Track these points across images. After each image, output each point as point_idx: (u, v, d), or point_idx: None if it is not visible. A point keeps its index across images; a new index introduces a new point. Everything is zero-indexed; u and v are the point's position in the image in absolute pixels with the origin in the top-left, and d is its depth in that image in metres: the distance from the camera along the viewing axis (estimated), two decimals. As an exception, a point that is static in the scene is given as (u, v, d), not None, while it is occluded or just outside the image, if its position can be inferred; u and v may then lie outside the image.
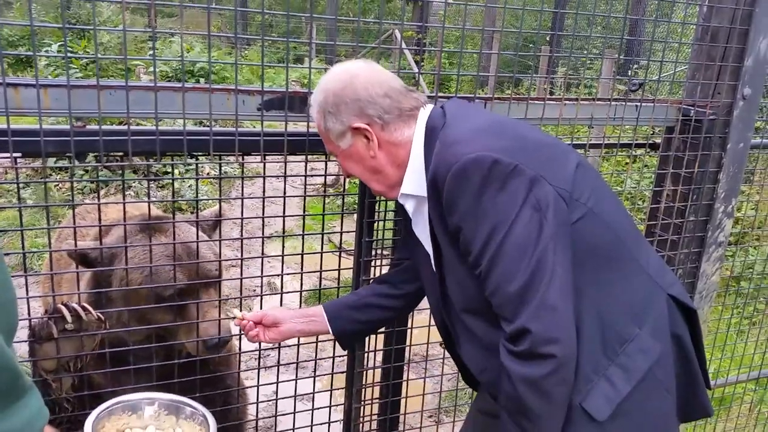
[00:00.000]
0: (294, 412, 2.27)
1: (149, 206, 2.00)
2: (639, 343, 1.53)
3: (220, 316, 2.08)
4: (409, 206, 1.70)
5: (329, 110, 1.62)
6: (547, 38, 11.67)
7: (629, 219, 1.67)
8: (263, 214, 2.12)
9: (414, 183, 1.64)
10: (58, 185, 6.56)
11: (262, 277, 2.13)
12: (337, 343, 2.02)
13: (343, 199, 2.24)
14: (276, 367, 2.21)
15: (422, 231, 1.73)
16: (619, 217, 1.59)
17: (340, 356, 2.38)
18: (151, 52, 11.10)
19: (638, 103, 2.35)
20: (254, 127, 1.94)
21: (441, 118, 1.60)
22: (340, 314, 1.94)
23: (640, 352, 1.53)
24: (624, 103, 2.32)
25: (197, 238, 2.14)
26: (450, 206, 1.47)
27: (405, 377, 2.45)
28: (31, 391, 0.96)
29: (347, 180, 1.98)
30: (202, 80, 9.73)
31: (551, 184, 1.45)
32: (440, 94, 2.03)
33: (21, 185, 1.55)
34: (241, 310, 1.97)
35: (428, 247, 1.72)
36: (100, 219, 1.88)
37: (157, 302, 2.03)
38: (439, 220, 1.55)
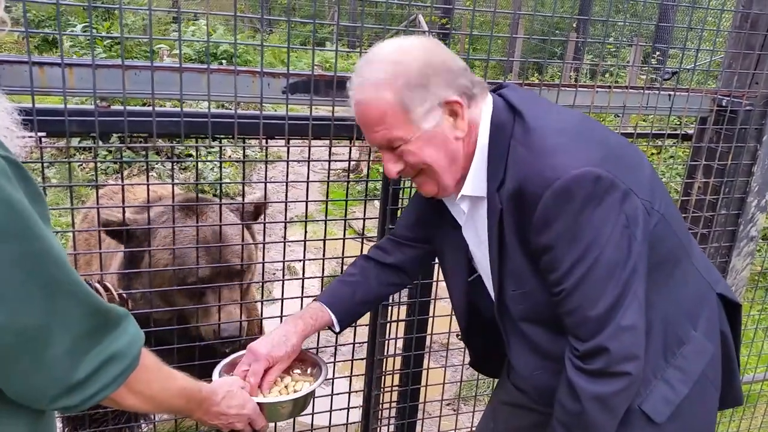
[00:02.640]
0: (313, 397, 2.26)
1: (173, 188, 1.99)
2: (695, 345, 1.51)
3: (241, 311, 2.11)
4: (465, 207, 1.54)
5: (414, 83, 1.36)
6: (574, 24, 11.49)
7: (681, 217, 1.62)
8: (286, 198, 2.10)
9: (474, 182, 1.48)
10: (81, 165, 6.61)
11: (284, 262, 2.12)
12: (358, 328, 1.96)
13: (366, 185, 2.22)
14: (296, 353, 2.21)
15: (473, 234, 1.59)
16: (677, 219, 1.53)
17: (359, 343, 2.37)
18: (174, 34, 11.13)
19: (672, 92, 2.29)
20: (275, 110, 1.92)
21: (508, 112, 1.44)
22: (349, 312, 1.79)
23: (696, 353, 1.51)
24: (657, 91, 2.26)
25: (237, 228, 2.15)
26: (544, 224, 1.34)
27: (425, 365, 2.43)
28: (127, 318, 1.10)
29: (370, 164, 1.92)
30: (224, 62, 9.73)
31: (638, 196, 1.36)
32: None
33: (45, 165, 1.56)
34: (263, 295, 1.96)
35: (476, 249, 1.60)
36: (123, 200, 1.88)
37: (179, 285, 2.05)
38: (516, 233, 1.42)
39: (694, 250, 1.59)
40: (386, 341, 2.33)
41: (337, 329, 1.77)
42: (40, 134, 1.62)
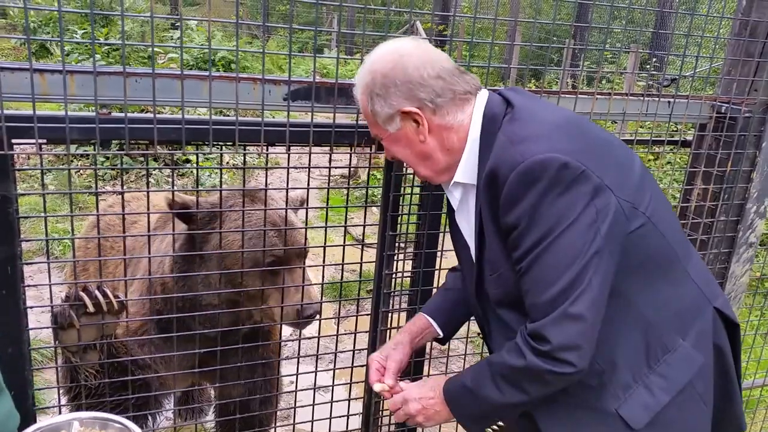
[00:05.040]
0: (313, 404, 2.25)
1: (173, 194, 1.98)
2: (681, 354, 1.50)
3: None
4: (457, 194, 1.63)
5: (377, 92, 1.51)
6: (571, 31, 11.54)
7: (679, 224, 1.62)
8: (286, 204, 2.10)
9: (466, 171, 1.56)
10: (78, 172, 6.60)
11: (284, 269, 2.11)
12: (357, 335, 1.98)
13: (367, 191, 2.22)
14: (296, 359, 2.20)
15: (465, 221, 1.66)
16: (671, 225, 1.54)
17: (359, 350, 2.36)
18: (172, 41, 11.14)
19: (671, 99, 2.29)
20: (273, 116, 1.92)
21: (501, 106, 1.52)
22: (449, 318, 1.89)
23: (682, 362, 1.50)
24: (657, 98, 2.26)
25: (295, 213, 2.20)
26: (509, 205, 1.40)
27: (425, 372, 2.42)
28: (5, 393, 0.99)
29: (370, 171, 1.93)
30: (222, 69, 9.73)
31: (615, 194, 1.39)
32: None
33: (42, 171, 1.56)
34: (262, 302, 1.94)
35: (469, 238, 1.66)
36: (123, 207, 1.87)
37: (253, 267, 2.06)
38: (491, 216, 1.48)
39: (692, 261, 1.59)
40: (386, 348, 2.32)
41: (440, 333, 1.88)
42: (40, 141, 1.62)
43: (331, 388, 2.35)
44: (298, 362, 2.19)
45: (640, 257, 1.45)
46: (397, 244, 2.19)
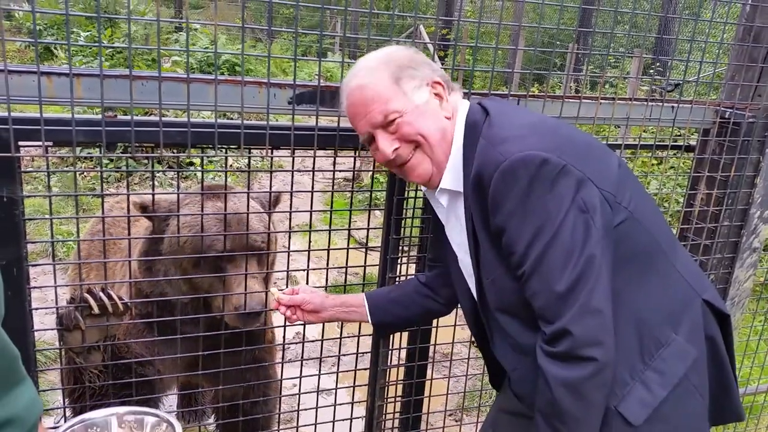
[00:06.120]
0: (316, 407, 2.26)
1: (178, 197, 1.99)
2: (675, 348, 1.51)
3: (264, 288, 2.11)
4: (443, 201, 1.65)
5: (404, 65, 1.56)
6: (573, 35, 11.55)
7: (665, 222, 1.64)
8: (291, 207, 2.11)
9: (452, 178, 1.59)
10: (82, 174, 6.63)
11: (288, 272, 2.12)
12: (361, 338, 2.00)
13: (371, 195, 2.22)
14: (299, 362, 2.20)
15: (453, 229, 1.68)
16: (656, 221, 1.56)
17: (362, 353, 2.37)
18: (176, 44, 11.18)
19: (675, 104, 2.30)
20: (277, 120, 1.92)
21: (481, 113, 1.56)
22: (382, 307, 1.95)
23: (677, 356, 1.51)
24: (661, 103, 2.27)
25: (250, 210, 2.17)
26: (495, 206, 1.43)
27: (428, 376, 2.43)
28: (27, 380, 0.99)
29: (374, 174, 1.95)
30: (226, 73, 9.75)
31: (597, 186, 1.41)
32: (472, 91, 1.99)
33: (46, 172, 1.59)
34: (267, 305, 1.95)
35: (458, 246, 1.68)
36: (129, 209, 1.88)
37: (198, 263, 2.07)
38: (482, 220, 1.50)
39: (678, 255, 1.60)
40: (389, 351, 2.32)
41: (368, 317, 1.94)
42: (46, 144, 1.63)
43: (334, 391, 2.35)
44: (302, 365, 2.19)
45: (627, 253, 1.47)
46: (400, 248, 2.20)
